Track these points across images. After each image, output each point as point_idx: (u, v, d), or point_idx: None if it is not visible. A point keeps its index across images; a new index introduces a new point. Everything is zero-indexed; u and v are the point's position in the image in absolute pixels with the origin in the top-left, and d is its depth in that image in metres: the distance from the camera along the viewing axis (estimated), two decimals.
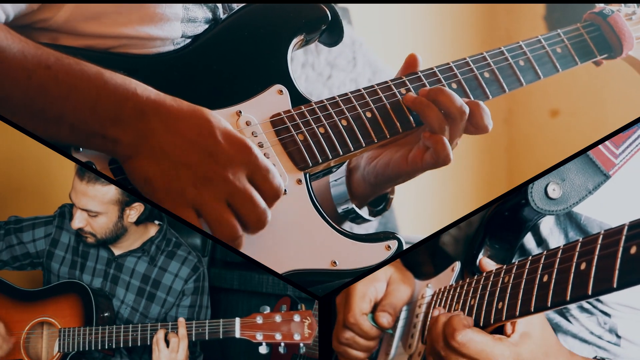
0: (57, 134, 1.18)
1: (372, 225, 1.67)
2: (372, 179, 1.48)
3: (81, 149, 1.22)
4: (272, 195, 1.23)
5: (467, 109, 1.37)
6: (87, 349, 1.77)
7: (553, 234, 1.38)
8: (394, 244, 1.34)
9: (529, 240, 1.38)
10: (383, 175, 1.46)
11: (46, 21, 1.26)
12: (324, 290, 1.38)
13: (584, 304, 1.35)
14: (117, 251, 1.87)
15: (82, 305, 1.80)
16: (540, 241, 1.38)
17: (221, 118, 1.22)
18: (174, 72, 1.33)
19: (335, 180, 1.54)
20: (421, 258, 1.51)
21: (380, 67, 2.68)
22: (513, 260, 1.32)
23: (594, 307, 1.35)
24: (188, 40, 1.37)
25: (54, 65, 1.16)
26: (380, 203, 1.57)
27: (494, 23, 3.39)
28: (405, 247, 1.36)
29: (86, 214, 1.79)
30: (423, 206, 3.09)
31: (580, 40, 1.56)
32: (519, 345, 1.19)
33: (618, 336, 1.35)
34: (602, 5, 1.59)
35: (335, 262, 1.32)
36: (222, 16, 1.41)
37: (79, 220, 1.80)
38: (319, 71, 2.63)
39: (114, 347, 1.76)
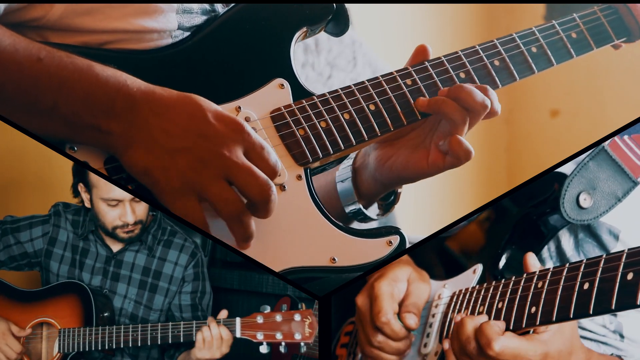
0: (51, 127, 1.18)
1: (372, 224, 1.65)
2: (385, 180, 1.45)
3: (75, 148, 1.22)
4: (269, 172, 1.20)
5: (488, 103, 1.34)
6: (87, 349, 1.76)
7: (564, 234, 1.38)
8: (395, 240, 1.32)
9: None
10: (399, 177, 1.43)
11: (39, 20, 1.26)
12: (324, 289, 1.37)
13: None
14: (115, 247, 1.86)
15: (82, 305, 1.80)
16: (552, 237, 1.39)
17: (211, 102, 1.21)
18: (172, 67, 1.31)
19: (341, 181, 1.52)
20: (428, 258, 1.51)
21: (380, 67, 2.67)
22: None
23: None
24: (187, 33, 1.35)
25: (45, 58, 1.16)
26: (389, 197, 1.55)
27: (494, 23, 3.38)
28: (407, 245, 1.34)
29: (129, 201, 1.75)
30: (423, 206, 3.08)
31: (597, 24, 1.50)
32: (549, 343, 1.20)
33: (622, 336, 1.35)
34: None
35: (334, 259, 1.30)
36: (220, 5, 1.39)
37: (130, 213, 1.76)
38: (319, 71, 2.63)
39: (114, 347, 1.76)
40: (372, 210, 1.53)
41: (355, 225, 1.60)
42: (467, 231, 1.48)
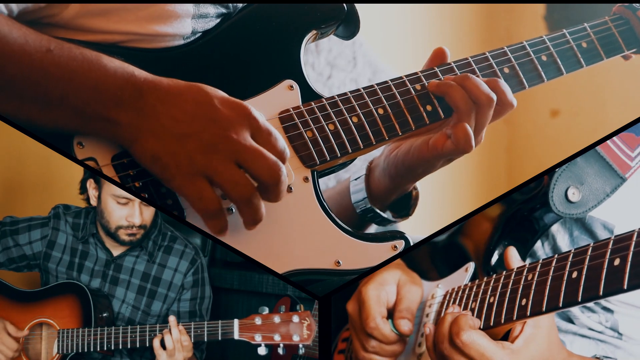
0: (61, 118, 1.18)
1: (373, 226, 1.65)
2: (392, 170, 1.45)
3: (83, 144, 1.22)
4: (277, 157, 1.21)
5: (494, 96, 1.34)
6: (85, 350, 1.76)
7: (559, 232, 1.38)
8: (400, 244, 1.32)
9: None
10: (403, 164, 1.42)
11: (53, 17, 1.26)
12: (324, 290, 1.37)
13: None
14: (115, 251, 1.86)
15: (81, 305, 1.80)
16: (547, 236, 1.39)
17: (217, 89, 1.22)
18: (182, 66, 1.32)
19: (355, 180, 1.52)
20: (420, 260, 1.50)
21: (380, 67, 2.67)
22: (525, 260, 1.32)
23: (597, 303, 1.35)
24: (198, 35, 1.35)
25: (55, 49, 1.17)
26: (402, 209, 1.54)
27: (494, 23, 3.38)
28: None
29: (138, 202, 1.72)
30: (423, 206, 3.08)
31: (608, 34, 1.50)
32: (520, 352, 1.20)
33: (619, 334, 1.36)
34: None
35: (339, 262, 1.30)
36: (240, 5, 1.39)
37: (138, 214, 1.74)
38: (319, 71, 2.62)
39: (112, 348, 1.76)
40: (387, 215, 1.52)
41: (372, 229, 1.60)
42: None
